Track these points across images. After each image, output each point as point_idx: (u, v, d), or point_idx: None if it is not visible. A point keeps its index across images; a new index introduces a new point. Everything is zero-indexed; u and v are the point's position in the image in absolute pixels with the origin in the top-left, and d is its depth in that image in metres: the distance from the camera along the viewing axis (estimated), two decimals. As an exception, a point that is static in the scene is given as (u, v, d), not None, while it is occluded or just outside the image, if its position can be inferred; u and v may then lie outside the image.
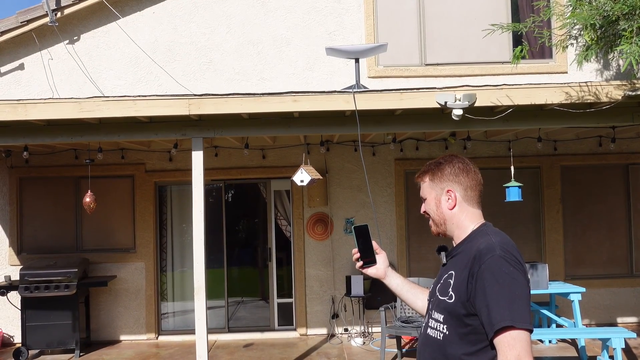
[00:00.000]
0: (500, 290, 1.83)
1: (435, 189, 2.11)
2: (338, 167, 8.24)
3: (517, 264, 1.88)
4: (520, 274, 1.87)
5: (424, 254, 8.20)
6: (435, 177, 2.11)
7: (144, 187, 8.21)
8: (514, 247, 1.95)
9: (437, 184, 2.10)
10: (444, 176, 2.09)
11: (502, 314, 1.81)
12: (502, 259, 1.88)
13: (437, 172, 2.11)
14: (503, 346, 1.80)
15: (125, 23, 8.06)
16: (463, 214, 2.07)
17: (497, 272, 1.86)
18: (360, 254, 2.28)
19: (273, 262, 8.38)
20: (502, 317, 1.80)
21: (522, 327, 1.80)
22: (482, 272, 1.87)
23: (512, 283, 1.84)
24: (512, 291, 1.83)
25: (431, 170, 2.14)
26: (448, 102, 5.26)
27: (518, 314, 1.80)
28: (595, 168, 8.36)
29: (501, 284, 1.84)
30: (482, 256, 1.90)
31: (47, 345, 7.33)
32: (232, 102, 5.40)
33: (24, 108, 5.38)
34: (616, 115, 5.71)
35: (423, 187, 2.17)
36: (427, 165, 2.18)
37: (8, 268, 8.01)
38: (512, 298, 1.82)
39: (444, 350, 1.97)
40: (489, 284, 1.85)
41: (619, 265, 8.33)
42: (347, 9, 8.14)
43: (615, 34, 5.10)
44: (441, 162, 2.12)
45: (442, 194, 2.09)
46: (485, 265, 1.87)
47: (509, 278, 1.84)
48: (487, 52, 8.10)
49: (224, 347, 7.72)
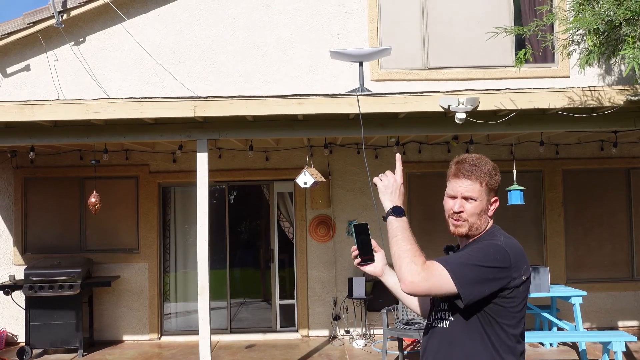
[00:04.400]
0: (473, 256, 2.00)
1: (487, 195, 2.16)
2: (341, 169, 8.28)
3: (505, 261, 2.01)
4: (501, 266, 2.00)
5: (427, 256, 8.21)
6: (491, 184, 2.16)
7: (148, 188, 8.26)
8: (518, 250, 2.08)
9: (491, 190, 2.17)
10: (496, 185, 2.18)
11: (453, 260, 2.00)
12: (498, 246, 2.04)
13: (494, 181, 2.17)
14: (430, 265, 1.99)
15: (131, 25, 8.11)
16: (490, 221, 2.21)
17: (485, 248, 2.03)
18: (359, 252, 2.32)
19: (275, 263, 8.42)
20: (449, 263, 1.98)
21: (455, 279, 1.93)
22: (476, 244, 2.09)
23: (487, 260, 1.99)
24: (480, 261, 1.98)
25: (490, 175, 2.15)
26: (451, 105, 5.31)
27: (459, 271, 1.95)
28: (597, 172, 8.39)
29: (478, 254, 2.00)
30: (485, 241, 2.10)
31: (50, 345, 7.37)
32: (237, 105, 5.45)
33: (30, 109, 5.43)
34: (618, 119, 5.75)
35: (477, 188, 2.13)
36: (484, 167, 2.14)
37: (12, 267, 8.06)
38: (471, 265, 1.97)
39: (450, 337, 2.06)
40: (473, 248, 2.06)
41: (620, 269, 8.36)
42: (351, 13, 8.19)
43: (617, 39, 5.14)
44: (497, 173, 2.18)
45: (490, 200, 2.18)
46: (483, 242, 2.08)
47: (488, 256, 2.00)
48: (490, 56, 8.14)
49: (226, 347, 7.75)
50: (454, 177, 2.15)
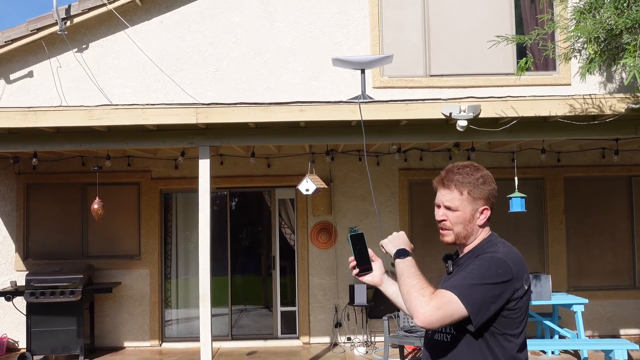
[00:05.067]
0: (476, 273, 1.98)
1: (472, 204, 2.13)
2: (342, 176, 8.29)
3: (508, 273, 1.99)
4: (504, 280, 1.98)
5: (428, 264, 8.15)
6: (476, 194, 2.12)
7: (150, 194, 8.27)
8: (518, 259, 2.07)
9: (477, 200, 2.13)
10: (484, 194, 2.13)
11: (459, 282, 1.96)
12: (499, 260, 2.02)
13: (479, 190, 2.12)
14: (438, 293, 1.93)
15: (134, 32, 8.15)
16: (484, 230, 2.18)
17: (486, 264, 2.01)
18: (356, 262, 2.32)
19: (277, 270, 8.42)
20: (460, 284, 1.95)
21: (463, 301, 1.90)
22: (476, 260, 2.05)
23: (490, 276, 1.97)
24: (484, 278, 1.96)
25: (472, 184, 2.12)
26: (453, 113, 5.32)
27: (468, 293, 1.92)
28: (598, 180, 8.39)
29: (481, 271, 1.98)
30: (485, 255, 2.07)
31: (51, 351, 7.37)
32: (239, 112, 5.47)
33: (34, 115, 5.45)
34: (620, 127, 5.76)
35: (456, 198, 2.12)
36: (468, 176, 2.13)
37: (14, 273, 8.06)
38: (477, 282, 1.95)
39: (451, 351, 2.04)
40: (474, 266, 2.01)
41: (622, 277, 8.34)
42: (352, 20, 8.22)
43: (618, 47, 5.16)
44: (485, 181, 2.13)
45: (477, 210, 2.13)
46: (483, 257, 2.05)
47: (490, 272, 1.98)
48: (492, 63, 8.16)
49: (227, 354, 7.74)
50: (438, 185, 2.18)
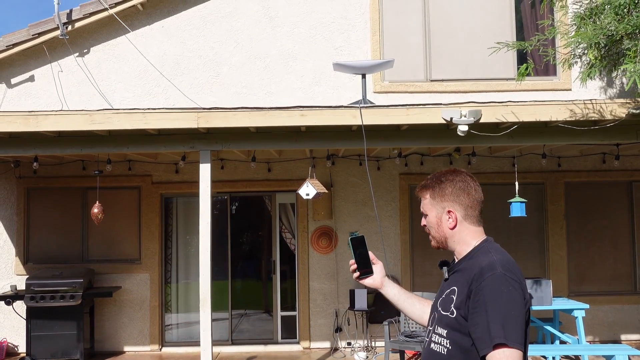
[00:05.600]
0: (499, 308, 1.87)
1: (436, 207, 2.11)
2: (343, 181, 8.29)
3: (516, 283, 1.92)
4: (518, 294, 1.91)
5: (428, 269, 8.21)
6: (436, 196, 2.10)
7: (150, 198, 8.27)
8: (514, 266, 2.01)
9: (438, 202, 2.10)
10: (445, 196, 2.09)
11: (498, 331, 1.84)
12: (503, 277, 1.92)
13: (438, 191, 2.10)
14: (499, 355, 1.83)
15: (135, 37, 8.17)
16: (464, 232, 2.09)
17: (497, 290, 1.90)
18: (357, 265, 2.31)
19: (277, 274, 8.41)
20: (498, 334, 1.84)
21: (514, 346, 1.83)
22: (482, 289, 1.91)
23: (511, 302, 1.89)
24: (509, 310, 1.87)
25: (432, 188, 2.13)
26: (454, 118, 5.33)
27: (512, 334, 1.84)
28: (599, 185, 8.39)
29: (500, 302, 1.88)
30: (484, 274, 1.94)
31: (51, 356, 7.35)
32: (240, 116, 5.48)
33: (35, 119, 5.46)
34: (620, 132, 5.76)
35: (424, 203, 2.17)
36: (429, 180, 2.16)
37: (14, 277, 8.05)
38: (508, 317, 1.86)
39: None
40: (489, 300, 1.89)
41: (623, 282, 8.33)
42: (353, 25, 8.24)
43: (619, 53, 5.17)
44: (442, 181, 2.11)
45: (442, 213, 2.10)
46: (486, 282, 1.92)
47: (507, 296, 1.89)
48: (492, 68, 8.17)
49: (227, 359, 7.72)
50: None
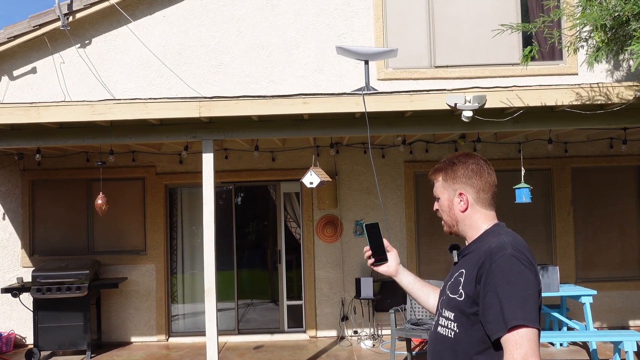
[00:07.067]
0: (512, 289, 1.83)
1: (448, 189, 2.10)
2: (347, 169, 8.25)
3: (528, 262, 1.88)
4: (531, 273, 1.87)
5: (434, 256, 8.18)
6: (448, 178, 2.09)
7: (155, 189, 8.26)
8: (525, 247, 1.96)
9: (450, 185, 2.09)
10: (457, 178, 2.07)
11: (514, 312, 1.80)
12: (514, 257, 1.88)
13: (450, 173, 2.09)
14: (511, 344, 1.79)
15: (136, 27, 8.12)
16: (476, 216, 2.06)
17: (508, 270, 1.86)
18: (372, 252, 2.28)
19: (283, 264, 8.40)
20: (514, 316, 1.80)
21: (532, 325, 1.79)
22: (493, 270, 1.87)
23: (524, 282, 1.84)
24: (524, 289, 1.83)
25: (444, 170, 2.12)
26: (458, 103, 5.26)
27: (529, 313, 1.80)
28: (606, 170, 8.31)
29: (513, 283, 1.84)
30: (494, 255, 1.90)
31: (58, 347, 7.38)
32: (242, 105, 5.43)
33: (36, 110, 5.43)
34: (627, 116, 5.68)
35: (436, 186, 2.15)
36: (442, 163, 2.15)
37: (20, 270, 8.08)
38: (523, 297, 1.82)
39: (455, 348, 1.97)
40: (500, 282, 1.85)
41: (630, 268, 8.27)
42: (356, 12, 8.15)
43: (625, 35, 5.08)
44: (455, 163, 2.10)
45: (454, 195, 2.08)
46: (497, 263, 1.87)
47: (520, 277, 1.85)
48: (497, 54, 8.08)
49: (234, 348, 7.74)
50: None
